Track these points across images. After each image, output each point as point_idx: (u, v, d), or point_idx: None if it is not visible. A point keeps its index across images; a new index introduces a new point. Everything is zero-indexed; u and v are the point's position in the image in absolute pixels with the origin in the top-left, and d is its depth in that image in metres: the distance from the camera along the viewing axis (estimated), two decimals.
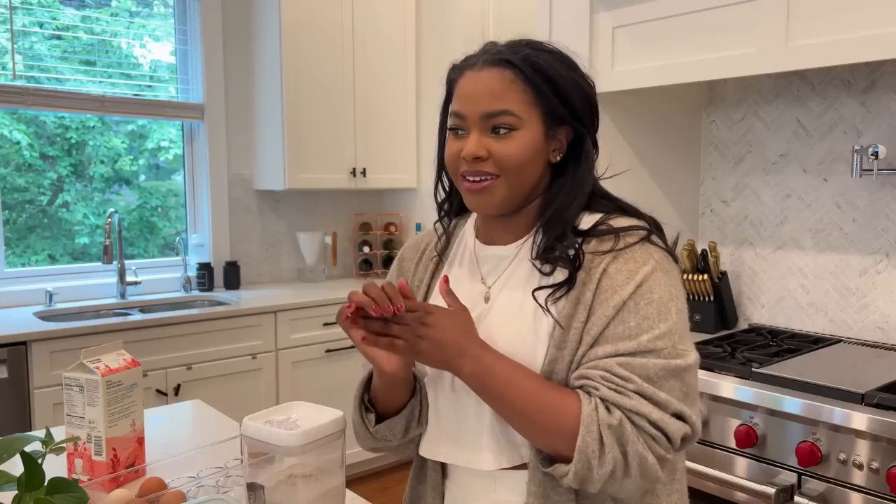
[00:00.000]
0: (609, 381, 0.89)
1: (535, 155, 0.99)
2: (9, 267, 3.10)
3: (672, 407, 0.89)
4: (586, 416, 0.87)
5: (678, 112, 2.50)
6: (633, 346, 0.90)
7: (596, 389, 0.89)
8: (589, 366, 0.92)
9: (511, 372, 0.93)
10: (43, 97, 3.06)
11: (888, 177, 2.11)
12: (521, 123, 0.97)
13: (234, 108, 3.58)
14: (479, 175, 0.98)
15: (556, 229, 1.00)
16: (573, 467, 0.88)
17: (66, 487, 0.86)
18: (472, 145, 0.97)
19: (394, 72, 3.70)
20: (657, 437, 0.88)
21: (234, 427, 1.56)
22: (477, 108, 0.97)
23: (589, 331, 0.93)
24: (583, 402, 0.89)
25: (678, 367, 0.91)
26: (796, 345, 2.12)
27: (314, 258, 3.74)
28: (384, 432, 1.05)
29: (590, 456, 0.86)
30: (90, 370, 1.25)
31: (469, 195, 1.01)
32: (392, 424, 1.05)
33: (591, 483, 0.88)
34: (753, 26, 1.85)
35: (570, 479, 0.89)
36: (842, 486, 1.63)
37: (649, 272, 0.94)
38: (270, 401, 3.09)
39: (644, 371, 0.89)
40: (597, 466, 0.87)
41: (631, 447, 0.87)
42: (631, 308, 0.92)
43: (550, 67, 0.97)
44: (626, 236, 0.98)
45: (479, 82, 0.97)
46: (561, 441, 0.89)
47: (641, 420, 0.88)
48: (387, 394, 1.04)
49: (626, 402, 0.88)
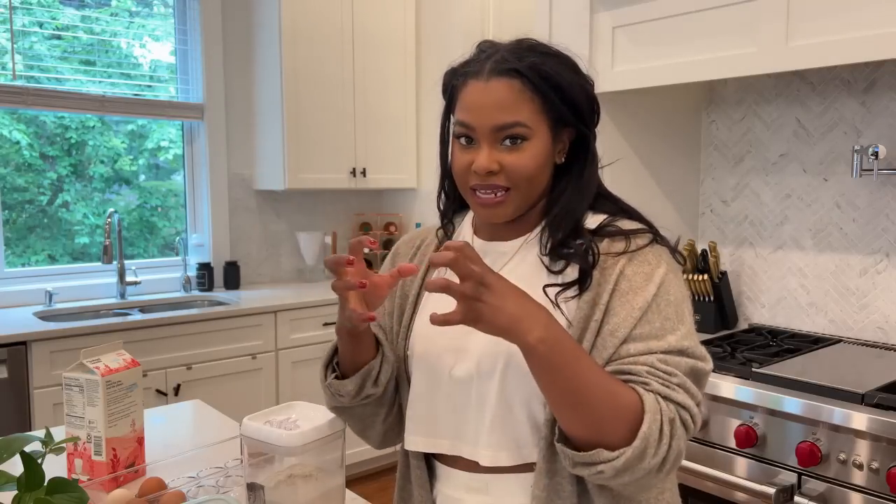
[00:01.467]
0: (656, 376, 0.89)
1: (544, 162, 0.99)
2: (9, 267, 3.10)
3: (698, 398, 0.92)
4: (651, 405, 0.85)
5: (678, 112, 2.50)
6: (665, 345, 0.91)
7: (647, 384, 0.88)
8: (628, 362, 0.91)
9: (579, 346, 0.88)
10: (43, 97, 3.06)
11: (888, 177, 2.11)
12: (531, 133, 0.97)
13: (234, 108, 3.58)
14: (491, 189, 0.98)
15: (565, 227, 1.00)
16: (629, 453, 0.84)
17: (66, 487, 0.86)
18: (484, 159, 0.96)
19: (394, 72, 3.70)
20: (690, 432, 0.89)
21: (234, 427, 1.56)
22: (487, 120, 0.96)
23: (614, 332, 0.93)
24: (641, 392, 0.87)
25: (702, 370, 0.93)
26: (796, 345, 2.12)
27: (314, 258, 3.74)
28: (336, 387, 1.05)
29: (649, 444, 0.84)
30: (90, 370, 1.25)
31: (481, 209, 1.00)
32: (346, 383, 1.04)
33: (633, 473, 0.85)
34: (753, 26, 1.85)
35: (615, 465, 0.84)
36: (842, 486, 1.63)
37: (665, 273, 0.96)
38: (270, 401, 3.09)
39: (679, 367, 0.91)
40: (651, 456, 0.85)
41: (675, 442, 0.87)
42: (654, 309, 0.93)
43: (557, 75, 0.97)
44: (637, 238, 0.99)
45: (488, 94, 0.96)
46: (617, 426, 0.85)
47: (686, 414, 0.88)
48: (343, 355, 1.05)
49: (676, 397, 0.88)
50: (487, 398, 0.98)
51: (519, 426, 0.97)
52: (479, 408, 0.99)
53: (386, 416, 1.12)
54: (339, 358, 1.08)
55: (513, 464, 0.98)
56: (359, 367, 1.05)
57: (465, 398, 1.01)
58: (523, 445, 0.97)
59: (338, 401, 1.07)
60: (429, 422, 1.04)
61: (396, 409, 1.13)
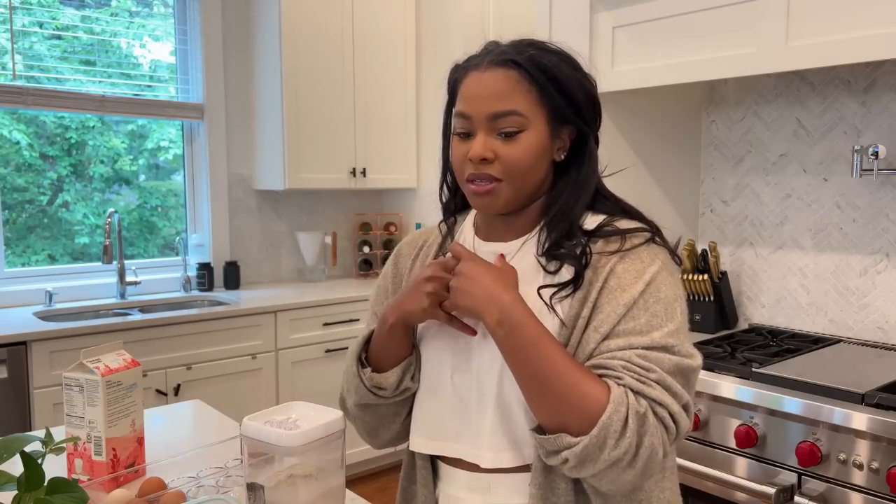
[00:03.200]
0: (631, 371, 0.89)
1: (540, 156, 0.99)
2: (9, 267, 3.10)
3: (683, 399, 0.90)
4: (617, 396, 0.86)
5: (678, 112, 2.50)
6: (647, 341, 0.91)
7: (620, 378, 0.88)
8: (606, 356, 0.91)
9: (540, 333, 0.91)
10: (43, 97, 3.06)
11: (888, 177, 2.11)
12: (527, 124, 0.97)
13: (234, 108, 3.58)
14: (483, 179, 0.98)
15: (561, 227, 1.00)
16: (587, 440, 0.85)
17: (66, 487, 0.86)
18: (479, 147, 0.97)
19: (394, 72, 3.70)
20: (671, 431, 0.88)
21: (234, 427, 1.56)
22: (483, 108, 0.97)
23: (598, 328, 0.93)
24: (610, 384, 0.88)
25: (689, 367, 0.92)
26: (796, 345, 2.12)
27: (314, 258, 3.74)
28: (378, 380, 1.05)
29: (609, 434, 0.85)
30: (90, 370, 1.25)
31: (474, 197, 1.01)
32: (388, 375, 1.05)
33: (593, 464, 0.86)
34: (753, 26, 1.85)
35: (575, 451, 0.86)
36: (842, 486, 1.63)
37: (656, 272, 0.95)
38: (270, 401, 3.09)
39: (660, 364, 0.90)
40: (610, 447, 0.85)
41: (647, 438, 0.86)
42: (640, 306, 0.93)
43: (555, 67, 0.98)
44: (632, 237, 0.98)
45: (485, 83, 0.97)
46: (578, 414, 0.87)
47: (663, 411, 0.88)
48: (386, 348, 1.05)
49: (650, 392, 0.87)
50: (487, 401, 0.98)
51: (519, 428, 0.97)
52: (479, 410, 1.00)
53: (406, 415, 1.12)
54: (372, 353, 1.07)
55: (514, 465, 0.98)
56: (397, 362, 1.05)
57: (466, 401, 1.01)
58: (523, 447, 0.98)
59: (371, 397, 1.06)
60: (432, 424, 1.05)
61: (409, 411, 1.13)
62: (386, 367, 1.06)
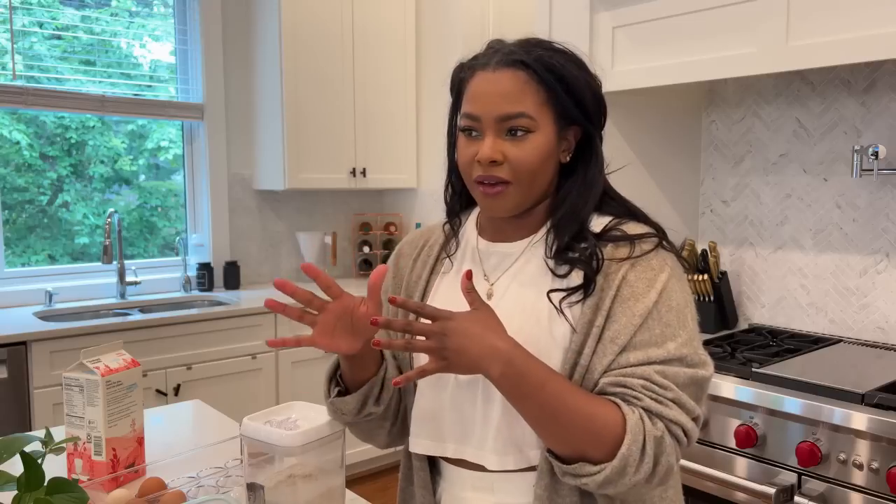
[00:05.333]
0: (650, 391, 0.89)
1: (548, 157, 0.99)
2: (9, 267, 3.10)
3: (695, 413, 0.92)
4: (633, 426, 0.87)
5: (678, 112, 2.50)
6: (663, 353, 0.91)
7: (638, 399, 0.89)
8: (625, 373, 0.91)
9: (545, 374, 0.90)
10: (43, 97, 3.06)
11: (888, 177, 2.11)
12: (536, 126, 0.97)
13: (233, 108, 3.58)
14: (492, 180, 0.98)
15: (570, 229, 0.99)
16: (608, 470, 0.86)
17: (66, 487, 0.86)
18: (488, 149, 0.96)
19: (394, 72, 3.70)
20: (682, 443, 0.90)
21: (234, 427, 1.56)
22: (492, 110, 0.96)
23: (615, 339, 0.93)
24: (625, 411, 0.88)
25: (703, 378, 0.93)
26: (796, 345, 2.12)
27: (314, 258, 3.74)
28: (338, 405, 1.05)
29: (628, 464, 0.86)
30: (90, 370, 1.25)
31: (484, 199, 1.01)
32: (348, 400, 1.05)
33: (616, 486, 0.88)
34: (753, 26, 1.85)
35: (597, 479, 0.87)
36: (842, 486, 1.63)
37: (667, 279, 0.95)
38: (270, 401, 3.09)
39: (676, 379, 0.91)
40: (631, 474, 0.86)
41: (664, 458, 0.88)
42: (654, 316, 0.93)
43: (563, 68, 0.97)
44: (641, 243, 0.98)
45: (494, 83, 0.97)
46: (597, 446, 0.87)
47: (678, 429, 0.89)
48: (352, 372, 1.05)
49: (667, 413, 0.88)
50: (492, 403, 0.98)
51: (523, 430, 0.96)
52: (484, 412, 0.99)
53: (391, 427, 1.12)
54: (342, 372, 1.08)
55: (518, 467, 0.98)
56: (361, 383, 1.05)
57: (471, 403, 1.01)
58: (528, 449, 0.98)
59: (341, 418, 1.07)
60: (434, 425, 1.04)
61: (402, 418, 1.13)
62: (353, 387, 1.06)
